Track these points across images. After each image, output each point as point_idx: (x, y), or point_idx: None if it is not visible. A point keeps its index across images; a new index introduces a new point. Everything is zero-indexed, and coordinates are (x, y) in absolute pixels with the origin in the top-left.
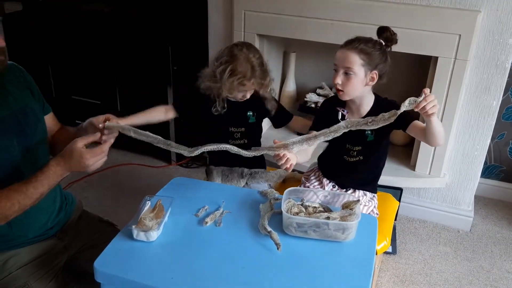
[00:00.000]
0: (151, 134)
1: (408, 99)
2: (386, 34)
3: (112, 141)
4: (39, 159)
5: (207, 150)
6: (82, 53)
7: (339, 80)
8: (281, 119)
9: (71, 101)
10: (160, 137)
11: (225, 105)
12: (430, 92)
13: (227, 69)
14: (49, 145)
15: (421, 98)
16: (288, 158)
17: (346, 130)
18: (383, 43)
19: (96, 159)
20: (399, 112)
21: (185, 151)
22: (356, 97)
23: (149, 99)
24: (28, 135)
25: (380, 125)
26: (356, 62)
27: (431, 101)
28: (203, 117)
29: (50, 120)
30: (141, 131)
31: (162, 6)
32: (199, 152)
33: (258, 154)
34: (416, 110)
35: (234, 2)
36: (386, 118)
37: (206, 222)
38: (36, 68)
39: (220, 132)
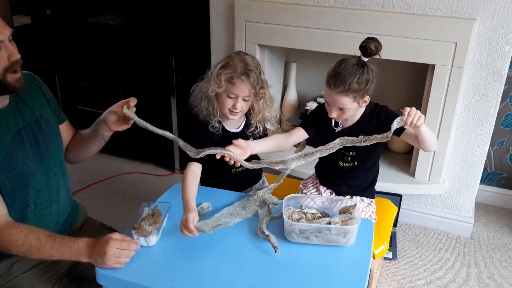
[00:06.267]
0: (168, 133)
1: (396, 119)
2: (369, 51)
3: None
4: (50, 171)
5: (211, 153)
6: (88, 64)
7: (334, 115)
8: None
9: (77, 111)
10: (169, 133)
11: (219, 125)
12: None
13: (220, 64)
14: (65, 152)
15: (406, 117)
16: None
17: (341, 147)
18: (366, 61)
19: (119, 250)
20: (390, 134)
21: (191, 152)
22: None
23: (154, 109)
24: (42, 147)
25: (373, 143)
26: (348, 101)
27: (415, 114)
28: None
29: (65, 128)
30: (157, 129)
31: (166, 18)
32: (204, 155)
33: (258, 167)
34: (405, 127)
35: (235, 13)
36: (378, 138)
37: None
38: (43, 79)
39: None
